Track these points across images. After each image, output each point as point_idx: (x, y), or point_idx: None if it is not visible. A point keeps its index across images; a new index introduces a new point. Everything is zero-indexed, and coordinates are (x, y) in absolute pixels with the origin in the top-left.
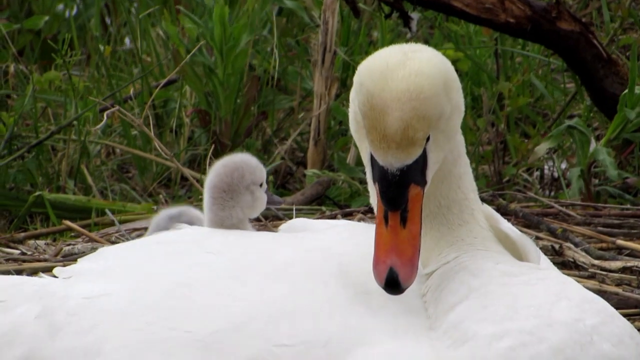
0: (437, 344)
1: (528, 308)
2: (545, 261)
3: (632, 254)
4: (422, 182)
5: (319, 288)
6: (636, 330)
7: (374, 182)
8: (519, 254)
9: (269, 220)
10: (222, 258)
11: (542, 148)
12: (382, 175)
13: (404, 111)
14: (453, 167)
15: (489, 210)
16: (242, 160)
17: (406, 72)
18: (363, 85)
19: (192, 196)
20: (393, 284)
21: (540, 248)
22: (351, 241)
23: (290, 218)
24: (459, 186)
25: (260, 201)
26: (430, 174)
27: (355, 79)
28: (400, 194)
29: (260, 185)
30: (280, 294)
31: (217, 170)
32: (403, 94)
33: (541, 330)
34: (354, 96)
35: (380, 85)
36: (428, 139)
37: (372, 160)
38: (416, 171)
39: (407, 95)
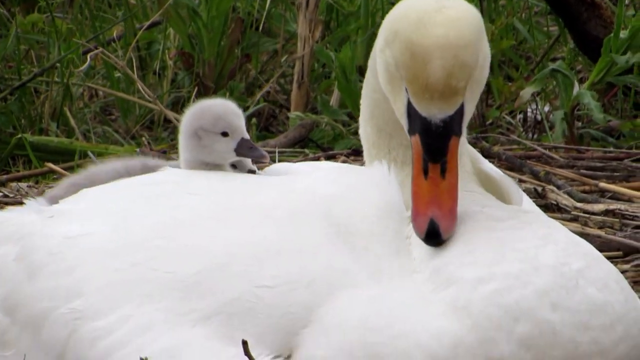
0: (422, 287)
1: (514, 252)
2: (528, 202)
3: (615, 196)
4: (459, 133)
5: (303, 229)
6: (621, 275)
7: (413, 134)
8: (501, 195)
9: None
10: (205, 199)
11: (527, 92)
12: (425, 127)
13: (445, 59)
14: None
15: (471, 150)
16: (199, 105)
17: (445, 18)
18: (399, 33)
19: (175, 138)
20: (434, 236)
21: (524, 191)
22: (336, 183)
23: (273, 160)
24: None
25: (210, 150)
26: (465, 124)
27: (387, 27)
28: (443, 145)
29: (225, 134)
30: (264, 235)
31: None
32: (445, 40)
33: (527, 274)
34: (383, 46)
35: (420, 32)
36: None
37: (411, 111)
38: (457, 122)
39: (449, 41)
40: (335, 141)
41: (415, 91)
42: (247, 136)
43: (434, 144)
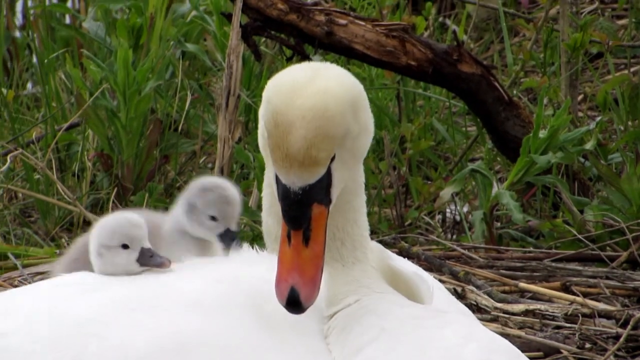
0: None
1: (437, 350)
2: (448, 299)
3: (535, 296)
4: (327, 201)
5: (229, 322)
6: None
7: (278, 200)
8: (411, 292)
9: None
10: (128, 292)
11: (447, 192)
12: (285, 194)
13: (307, 130)
14: (353, 197)
15: (378, 246)
16: (98, 223)
17: (313, 89)
18: (270, 102)
19: None
20: (294, 304)
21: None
22: (260, 272)
23: None
24: (355, 220)
25: (113, 264)
26: (335, 192)
27: (264, 95)
28: (302, 213)
29: (125, 247)
30: (191, 326)
31: None
32: (308, 112)
33: None
34: (263, 113)
35: (286, 102)
36: (333, 157)
37: (277, 178)
38: (319, 190)
39: (312, 113)
40: (254, 242)
41: (276, 159)
42: (147, 245)
43: (291, 212)
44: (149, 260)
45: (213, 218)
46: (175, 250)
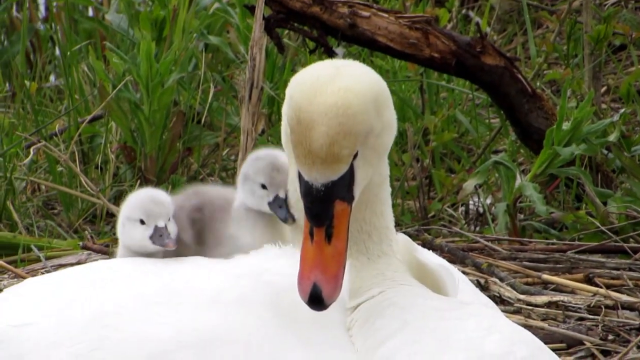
0: None
1: (459, 342)
2: (472, 291)
3: (558, 288)
4: (349, 198)
5: (250, 317)
6: None
7: (301, 197)
8: (436, 285)
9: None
10: (150, 284)
11: (470, 184)
12: (307, 191)
13: (330, 126)
14: (379, 190)
15: (405, 238)
16: (131, 194)
17: (335, 86)
18: (292, 99)
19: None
20: (317, 300)
21: None
22: (281, 267)
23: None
24: (382, 212)
25: (131, 237)
26: (358, 190)
27: (287, 91)
28: (324, 210)
29: (142, 222)
30: (211, 322)
31: None
32: (330, 109)
33: None
34: (285, 109)
35: (309, 99)
36: (356, 155)
37: (299, 175)
38: (342, 187)
39: (334, 110)
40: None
41: (299, 155)
42: (161, 224)
43: (314, 208)
44: (157, 239)
45: (263, 186)
46: (242, 227)
